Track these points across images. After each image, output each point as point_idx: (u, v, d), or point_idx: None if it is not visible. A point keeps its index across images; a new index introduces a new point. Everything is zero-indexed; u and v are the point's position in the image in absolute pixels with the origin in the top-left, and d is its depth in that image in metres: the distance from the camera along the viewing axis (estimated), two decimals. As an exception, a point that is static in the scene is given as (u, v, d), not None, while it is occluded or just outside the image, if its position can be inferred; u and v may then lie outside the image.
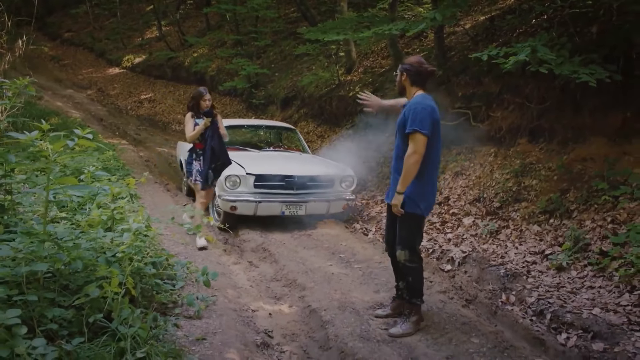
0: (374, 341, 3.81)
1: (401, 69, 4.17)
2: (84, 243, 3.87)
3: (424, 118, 3.91)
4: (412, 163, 3.88)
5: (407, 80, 4.13)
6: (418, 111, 3.93)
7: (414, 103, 4.02)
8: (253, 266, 5.76)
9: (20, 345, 2.80)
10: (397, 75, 4.23)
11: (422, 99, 4.06)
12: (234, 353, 3.43)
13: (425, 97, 4.10)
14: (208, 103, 6.33)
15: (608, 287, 4.67)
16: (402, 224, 4.08)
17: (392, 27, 7.29)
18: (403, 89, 4.20)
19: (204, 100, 6.30)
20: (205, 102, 6.29)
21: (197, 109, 6.36)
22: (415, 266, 4.10)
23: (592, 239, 5.28)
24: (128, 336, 3.21)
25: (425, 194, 4.06)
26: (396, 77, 4.24)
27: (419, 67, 4.12)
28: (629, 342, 3.80)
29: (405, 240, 4.07)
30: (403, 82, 4.17)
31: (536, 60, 5.34)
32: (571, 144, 6.81)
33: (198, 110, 6.35)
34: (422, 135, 3.88)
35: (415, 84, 4.12)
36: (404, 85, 4.17)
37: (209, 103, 6.35)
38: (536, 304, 4.55)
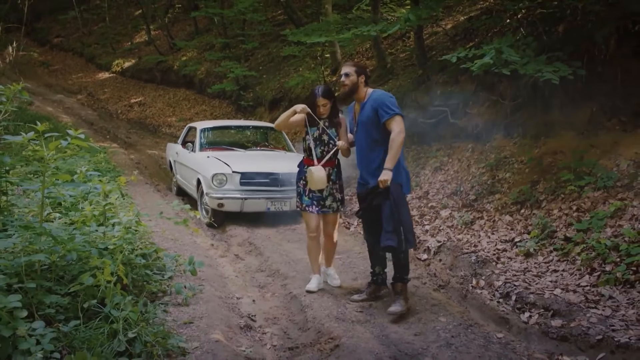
0: (348, 322, 4.11)
1: (357, 71, 4.45)
2: (78, 236, 4.15)
3: (395, 102, 4.36)
4: (400, 142, 4.21)
5: (363, 81, 4.47)
6: (388, 99, 4.37)
7: (380, 95, 4.43)
8: (239, 259, 6.06)
9: (21, 327, 3.06)
10: (348, 76, 4.42)
11: (381, 92, 4.54)
12: (219, 334, 3.72)
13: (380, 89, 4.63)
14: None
15: (570, 270, 4.99)
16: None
17: (370, 28, 7.60)
18: (356, 89, 4.46)
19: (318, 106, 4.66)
20: (319, 107, 4.66)
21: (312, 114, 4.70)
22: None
23: (558, 226, 5.61)
24: (120, 319, 3.49)
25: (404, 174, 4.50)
26: (347, 79, 4.42)
27: (368, 70, 4.65)
28: (584, 318, 4.12)
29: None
30: (359, 83, 4.45)
31: (501, 61, 5.65)
32: (543, 138, 7.15)
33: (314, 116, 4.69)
34: (401, 116, 4.30)
35: (367, 85, 4.52)
36: (359, 85, 4.45)
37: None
38: (503, 287, 4.87)
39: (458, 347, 3.69)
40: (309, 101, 4.68)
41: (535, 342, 4.07)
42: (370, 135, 4.42)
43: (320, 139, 4.73)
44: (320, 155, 4.72)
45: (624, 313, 4.13)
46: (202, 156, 7.97)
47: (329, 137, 4.72)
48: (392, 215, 4.21)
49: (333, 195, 4.78)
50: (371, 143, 4.42)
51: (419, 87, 9.75)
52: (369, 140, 4.43)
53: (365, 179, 4.53)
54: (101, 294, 3.70)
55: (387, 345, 3.74)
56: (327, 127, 4.71)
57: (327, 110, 4.66)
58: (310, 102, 4.66)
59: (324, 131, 4.71)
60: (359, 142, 4.56)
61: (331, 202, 4.79)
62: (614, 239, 4.98)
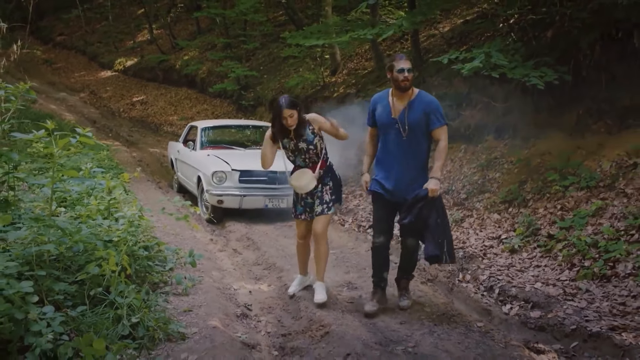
0: (338, 311, 4.36)
1: (413, 67, 4.38)
2: (84, 229, 4.40)
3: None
4: (447, 153, 4.30)
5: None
6: (440, 106, 4.26)
7: (432, 99, 4.29)
8: (237, 253, 6.32)
9: (33, 311, 3.30)
10: (411, 72, 4.20)
11: (430, 95, 4.38)
12: (216, 321, 3.96)
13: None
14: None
15: (552, 265, 5.24)
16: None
17: (366, 32, 7.86)
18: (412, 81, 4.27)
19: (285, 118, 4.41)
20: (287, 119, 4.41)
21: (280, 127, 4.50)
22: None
23: (542, 224, 5.85)
24: (124, 305, 3.75)
25: None
26: (410, 74, 4.18)
27: None
28: (561, 309, 4.38)
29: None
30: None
31: (490, 65, 5.90)
32: (532, 139, 7.39)
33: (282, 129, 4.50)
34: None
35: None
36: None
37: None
38: (487, 281, 5.12)
39: (440, 335, 3.94)
40: (274, 113, 4.45)
41: (515, 331, 4.32)
42: (417, 140, 4.21)
43: (298, 148, 4.55)
44: (304, 164, 4.58)
45: (599, 305, 4.38)
46: (202, 154, 8.23)
47: (306, 143, 4.51)
48: (438, 226, 4.18)
49: (321, 198, 4.57)
50: (415, 148, 4.22)
51: (415, 89, 9.99)
52: (414, 145, 4.21)
53: (396, 185, 4.28)
54: (106, 283, 3.95)
55: (373, 333, 3.99)
56: (295, 139, 4.50)
57: (294, 120, 4.39)
58: (275, 114, 4.45)
59: (299, 139, 4.51)
60: (396, 143, 4.25)
61: (319, 206, 4.56)
62: (594, 236, 5.23)
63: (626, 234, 5.08)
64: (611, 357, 3.75)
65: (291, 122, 4.40)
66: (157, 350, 3.52)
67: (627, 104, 6.38)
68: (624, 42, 6.16)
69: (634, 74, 6.17)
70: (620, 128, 6.45)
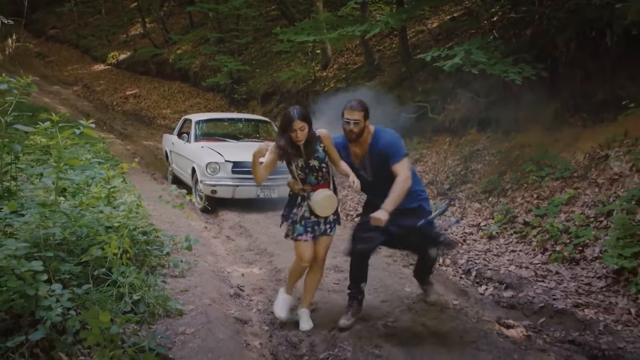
0: (325, 291, 4.69)
1: (365, 115, 4.01)
2: (87, 215, 4.69)
3: (402, 144, 4.11)
4: (406, 189, 3.91)
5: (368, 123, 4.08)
6: (396, 141, 4.06)
7: (386, 139, 4.07)
8: (230, 240, 6.63)
9: (42, 288, 3.60)
10: (358, 125, 3.97)
11: (388, 132, 4.16)
12: (211, 299, 4.28)
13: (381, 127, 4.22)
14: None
15: (526, 250, 5.59)
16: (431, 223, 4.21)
17: (355, 29, 8.16)
18: (362, 134, 4.05)
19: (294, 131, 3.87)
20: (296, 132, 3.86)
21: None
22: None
23: (519, 212, 6.20)
24: (126, 284, 4.05)
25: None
26: (356, 127, 3.98)
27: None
28: (532, 289, 4.72)
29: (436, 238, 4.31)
30: (366, 126, 4.06)
31: (471, 62, 6.21)
32: (513, 132, 7.74)
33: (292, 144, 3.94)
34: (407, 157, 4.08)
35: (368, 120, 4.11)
36: (365, 129, 4.06)
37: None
38: (465, 265, 5.46)
39: (417, 311, 4.28)
40: (284, 124, 3.89)
41: (488, 309, 4.65)
42: (386, 177, 4.01)
43: (309, 166, 4.00)
44: (316, 182, 4.04)
45: (566, 285, 4.73)
46: (196, 146, 8.52)
47: (318, 161, 4.00)
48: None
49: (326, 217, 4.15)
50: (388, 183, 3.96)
51: (402, 84, 10.33)
52: (384, 182, 4.00)
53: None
54: (108, 264, 4.25)
55: (357, 310, 4.31)
56: (304, 155, 3.96)
57: (304, 135, 3.86)
58: (285, 125, 3.88)
59: (310, 156, 3.97)
60: (367, 182, 4.15)
61: (322, 225, 4.13)
62: (566, 223, 5.58)
63: (595, 220, 5.43)
64: (574, 330, 4.09)
65: (301, 136, 3.85)
66: (157, 324, 3.83)
67: (601, 99, 6.73)
68: (597, 41, 6.50)
69: (607, 70, 6.52)
70: (595, 121, 6.80)
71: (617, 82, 6.53)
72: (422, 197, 4.28)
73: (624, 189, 5.56)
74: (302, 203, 4.09)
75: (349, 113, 4.00)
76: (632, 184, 5.51)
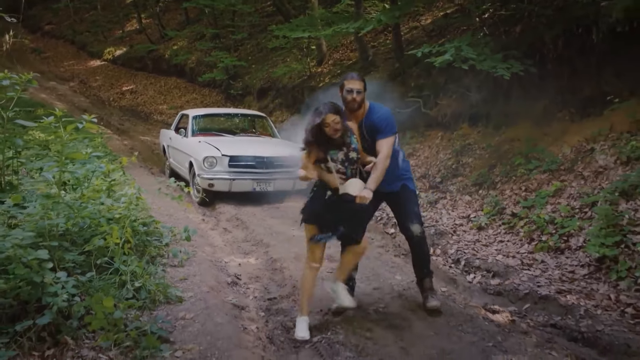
0: (319, 279, 4.82)
1: (365, 87, 4.12)
2: (89, 206, 4.86)
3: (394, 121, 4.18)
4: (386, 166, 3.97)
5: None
6: (386, 118, 4.13)
7: (379, 114, 4.15)
8: (227, 231, 6.81)
9: (48, 276, 3.76)
10: (360, 94, 4.07)
11: (380, 105, 4.27)
12: (209, 287, 4.45)
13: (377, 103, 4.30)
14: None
15: (514, 240, 5.79)
16: (414, 201, 4.37)
17: (348, 26, 8.33)
18: (361, 106, 4.14)
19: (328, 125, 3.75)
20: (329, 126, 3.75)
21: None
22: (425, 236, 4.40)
23: (507, 204, 6.39)
24: (128, 272, 4.23)
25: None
26: (358, 96, 4.06)
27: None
28: (517, 277, 4.92)
29: (418, 214, 4.34)
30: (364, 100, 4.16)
31: (461, 58, 6.39)
32: (503, 127, 7.94)
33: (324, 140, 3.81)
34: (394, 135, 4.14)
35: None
36: (364, 102, 4.16)
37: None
38: (455, 254, 5.66)
39: (407, 298, 4.46)
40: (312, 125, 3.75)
41: (476, 296, 4.85)
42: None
43: (348, 158, 3.90)
44: (351, 174, 3.92)
45: (550, 273, 4.93)
46: (194, 141, 8.68)
47: (356, 152, 3.94)
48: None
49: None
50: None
51: (395, 79, 10.49)
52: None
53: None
54: (110, 254, 4.42)
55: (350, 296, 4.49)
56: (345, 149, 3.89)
57: (340, 126, 3.76)
58: (314, 124, 3.74)
59: (349, 149, 3.90)
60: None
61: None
62: (552, 214, 5.78)
63: (580, 211, 5.63)
64: (556, 315, 4.29)
65: (338, 127, 3.74)
66: (158, 310, 4.00)
67: (587, 95, 6.92)
68: (583, 38, 6.69)
69: (593, 67, 6.71)
70: (582, 116, 6.99)
71: (603, 78, 6.73)
72: (405, 177, 4.37)
73: (608, 181, 5.76)
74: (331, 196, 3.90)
75: (351, 83, 4.09)
76: (616, 176, 5.72)
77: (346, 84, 4.11)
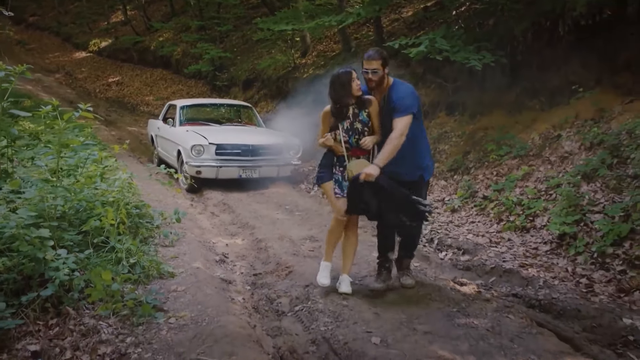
0: (301, 257, 5.23)
1: (383, 63, 4.11)
2: (85, 190, 5.16)
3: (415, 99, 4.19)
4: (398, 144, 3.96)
5: (387, 72, 4.17)
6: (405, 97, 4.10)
7: (399, 93, 4.13)
8: (214, 215, 7.15)
9: (50, 252, 4.08)
10: (376, 73, 4.09)
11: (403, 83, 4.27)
12: (199, 264, 4.79)
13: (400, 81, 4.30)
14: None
15: (484, 221, 6.19)
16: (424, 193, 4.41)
17: (331, 19, 8.67)
18: (382, 83, 4.16)
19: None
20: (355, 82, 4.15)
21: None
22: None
23: (479, 188, 6.79)
24: (123, 250, 4.55)
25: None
26: (375, 75, 4.09)
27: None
28: (485, 254, 5.31)
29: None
30: (384, 76, 4.16)
31: (436, 50, 6.75)
32: (478, 115, 8.32)
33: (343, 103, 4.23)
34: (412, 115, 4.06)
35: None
36: (385, 78, 4.16)
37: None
38: (429, 235, 6.04)
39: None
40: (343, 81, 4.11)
41: (446, 271, 5.23)
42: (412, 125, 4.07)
43: (353, 127, 4.23)
44: (356, 144, 4.23)
45: (516, 250, 5.33)
46: (182, 130, 9.00)
47: (362, 124, 4.23)
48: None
49: (337, 180, 4.34)
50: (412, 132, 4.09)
51: (377, 70, 10.83)
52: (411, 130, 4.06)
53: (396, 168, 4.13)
54: (106, 234, 4.74)
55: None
56: (357, 109, 4.22)
57: (360, 88, 4.15)
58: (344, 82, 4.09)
59: (355, 119, 4.22)
60: (384, 134, 4.16)
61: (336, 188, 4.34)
62: (520, 196, 6.17)
63: (546, 193, 6.03)
64: (518, 286, 4.68)
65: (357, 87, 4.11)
66: (152, 284, 4.34)
67: (556, 84, 7.32)
68: (551, 31, 7.08)
69: (560, 58, 7.11)
70: (552, 105, 7.39)
71: (570, 68, 7.13)
72: (424, 167, 4.35)
73: (572, 165, 6.16)
74: (338, 164, 4.29)
75: (367, 63, 4.11)
76: (580, 160, 6.12)
77: (364, 64, 4.15)
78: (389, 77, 4.22)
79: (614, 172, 5.50)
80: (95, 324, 3.70)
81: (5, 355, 3.45)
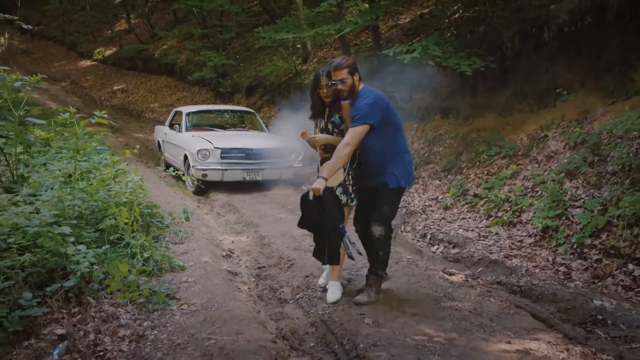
0: (302, 251, 5.61)
1: (351, 71, 4.03)
2: (100, 192, 5.56)
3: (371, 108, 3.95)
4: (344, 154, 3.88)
5: (358, 78, 4.11)
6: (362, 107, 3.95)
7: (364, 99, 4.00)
8: (220, 215, 7.54)
9: (71, 247, 4.47)
10: (345, 83, 4.03)
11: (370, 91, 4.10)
12: (207, 258, 5.18)
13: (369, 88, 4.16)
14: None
15: (474, 217, 6.56)
16: (387, 202, 4.22)
17: (330, 27, 9.07)
18: (353, 91, 4.08)
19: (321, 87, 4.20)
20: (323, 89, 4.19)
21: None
22: (389, 240, 4.31)
23: (471, 186, 7.16)
24: (137, 245, 4.94)
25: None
26: (344, 85, 4.03)
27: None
28: (474, 247, 5.69)
29: (384, 217, 4.23)
30: (355, 83, 4.08)
31: (428, 56, 7.14)
32: (471, 118, 8.71)
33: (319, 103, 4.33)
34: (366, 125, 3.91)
35: (360, 78, 4.15)
36: (356, 85, 4.09)
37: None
38: (422, 230, 6.42)
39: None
40: (313, 84, 4.23)
41: (437, 263, 5.61)
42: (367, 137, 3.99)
43: (327, 128, 4.29)
44: (331, 147, 4.18)
45: (502, 243, 5.71)
46: (188, 135, 9.42)
47: (333, 125, 4.26)
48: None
49: (344, 187, 4.26)
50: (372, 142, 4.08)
51: (375, 76, 11.20)
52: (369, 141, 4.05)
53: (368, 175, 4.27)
54: (120, 232, 5.13)
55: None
56: (330, 111, 4.25)
57: (331, 93, 4.13)
58: (314, 85, 4.22)
59: (329, 120, 4.27)
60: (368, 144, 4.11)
61: (342, 195, 4.27)
62: (508, 194, 6.55)
63: (532, 190, 6.40)
64: (503, 275, 5.05)
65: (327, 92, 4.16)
66: (164, 276, 4.72)
67: (543, 87, 7.70)
68: (537, 36, 7.46)
69: (546, 62, 7.49)
70: (540, 107, 7.77)
71: (556, 72, 7.51)
72: (389, 173, 4.17)
73: (557, 164, 6.54)
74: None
75: (334, 75, 4.05)
76: (564, 159, 6.49)
77: (332, 76, 4.08)
78: (360, 83, 4.14)
79: (594, 169, 5.88)
80: (115, 311, 4.08)
81: (33, 339, 3.83)
